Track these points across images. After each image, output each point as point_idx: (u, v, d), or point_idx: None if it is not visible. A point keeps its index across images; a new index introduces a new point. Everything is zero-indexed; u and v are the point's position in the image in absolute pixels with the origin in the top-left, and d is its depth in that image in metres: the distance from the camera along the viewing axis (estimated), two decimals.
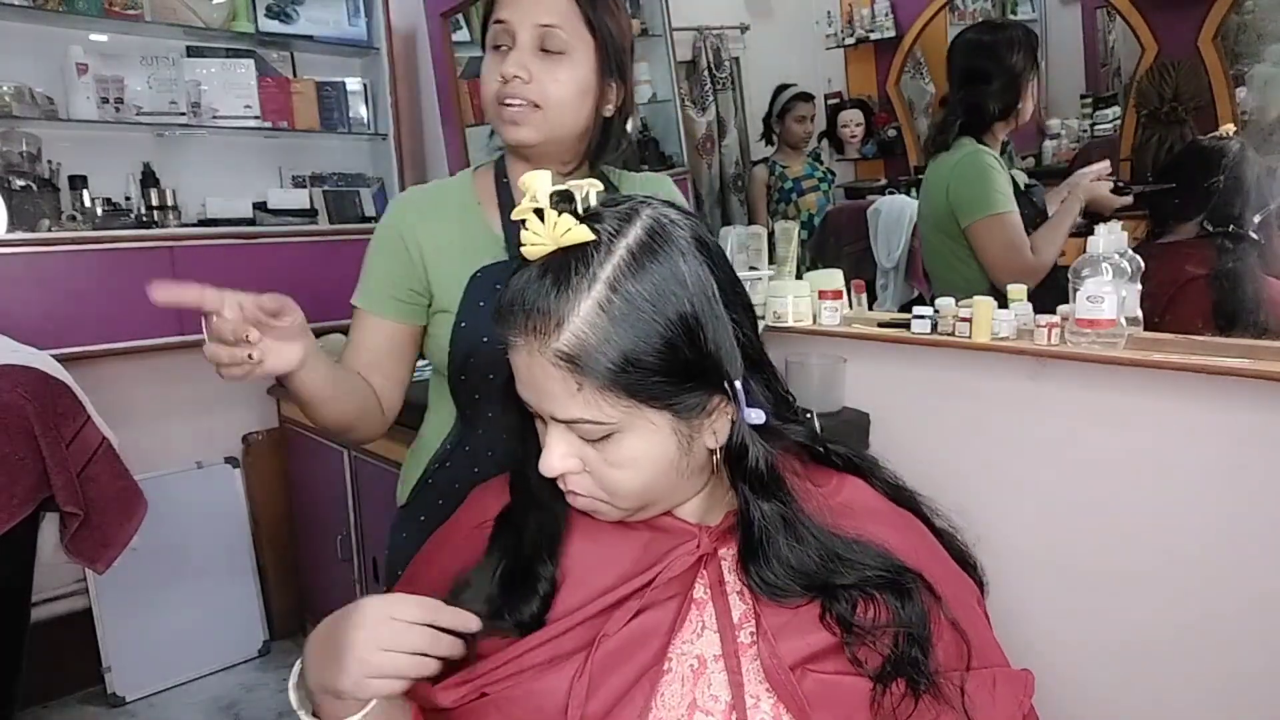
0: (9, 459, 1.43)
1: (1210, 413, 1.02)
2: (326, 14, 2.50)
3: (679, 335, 0.60)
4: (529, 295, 0.60)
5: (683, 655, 0.67)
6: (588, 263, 0.60)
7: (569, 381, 0.60)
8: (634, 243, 0.61)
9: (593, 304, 0.59)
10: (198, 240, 2.27)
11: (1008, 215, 1.47)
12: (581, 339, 0.59)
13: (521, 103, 0.98)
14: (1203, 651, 1.05)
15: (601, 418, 0.61)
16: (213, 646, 2.45)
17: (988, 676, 0.67)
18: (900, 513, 0.74)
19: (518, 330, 0.61)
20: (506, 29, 0.98)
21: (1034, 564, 1.18)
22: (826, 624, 0.65)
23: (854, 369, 1.43)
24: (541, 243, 0.61)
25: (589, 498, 0.67)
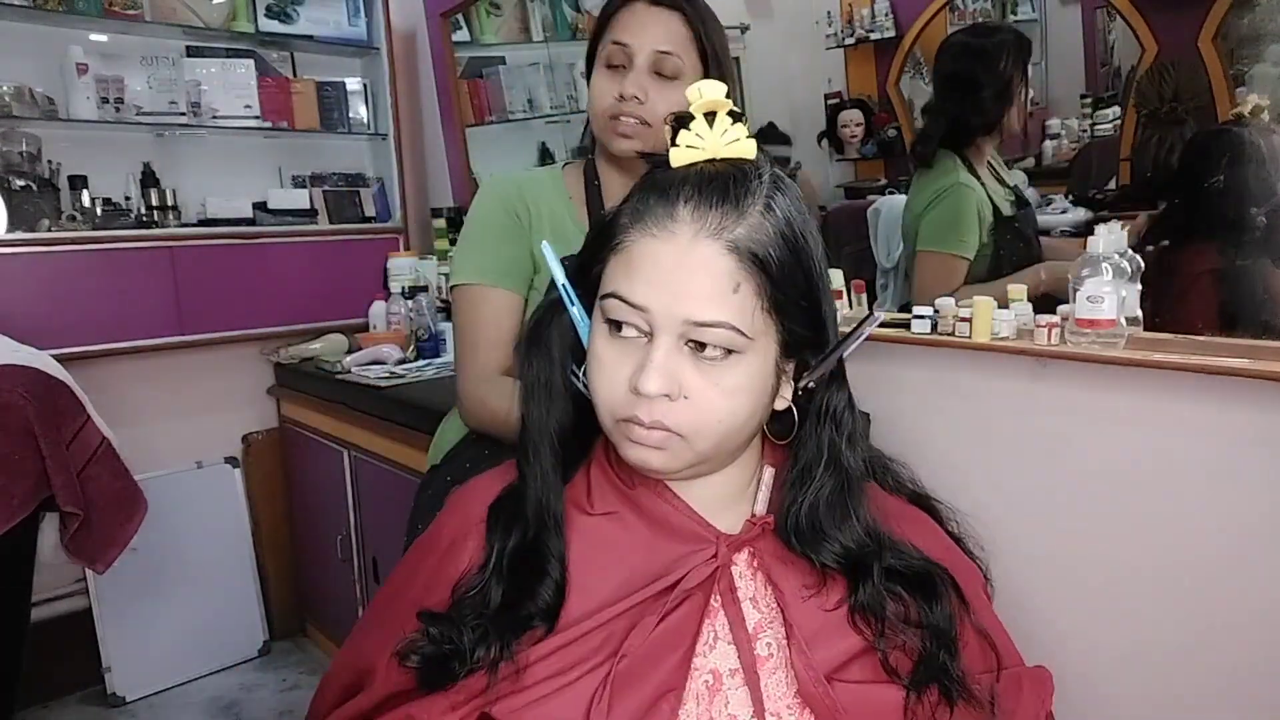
0: (9, 459, 1.43)
1: (1210, 413, 1.02)
2: (326, 14, 2.50)
3: (814, 270, 0.62)
4: (702, 190, 0.59)
5: (696, 670, 0.63)
6: (758, 172, 0.61)
7: (730, 278, 0.58)
8: (775, 172, 0.63)
9: (762, 209, 0.60)
10: (198, 240, 2.28)
11: (953, 259, 1.46)
12: (754, 234, 0.59)
13: (635, 120, 1.05)
14: (1202, 651, 1.05)
15: (745, 327, 0.59)
16: (213, 646, 2.45)
17: (1013, 678, 0.66)
18: (915, 513, 0.74)
19: (679, 219, 0.59)
20: (625, 51, 1.04)
21: (1034, 564, 1.17)
22: (856, 626, 0.63)
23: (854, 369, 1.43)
24: (701, 148, 0.61)
25: (666, 433, 0.60)
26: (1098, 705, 1.15)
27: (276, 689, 2.35)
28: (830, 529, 0.65)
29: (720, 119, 0.61)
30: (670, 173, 0.61)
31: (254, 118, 2.39)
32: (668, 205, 0.59)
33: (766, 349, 0.61)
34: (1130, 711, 1.13)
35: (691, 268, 0.58)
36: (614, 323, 0.61)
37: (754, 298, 0.59)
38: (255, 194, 2.46)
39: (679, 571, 0.64)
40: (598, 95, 1.07)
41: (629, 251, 0.60)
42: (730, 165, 0.61)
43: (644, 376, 0.58)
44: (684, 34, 1.05)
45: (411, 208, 2.69)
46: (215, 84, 2.34)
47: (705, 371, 0.60)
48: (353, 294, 2.43)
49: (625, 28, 1.05)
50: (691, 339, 0.59)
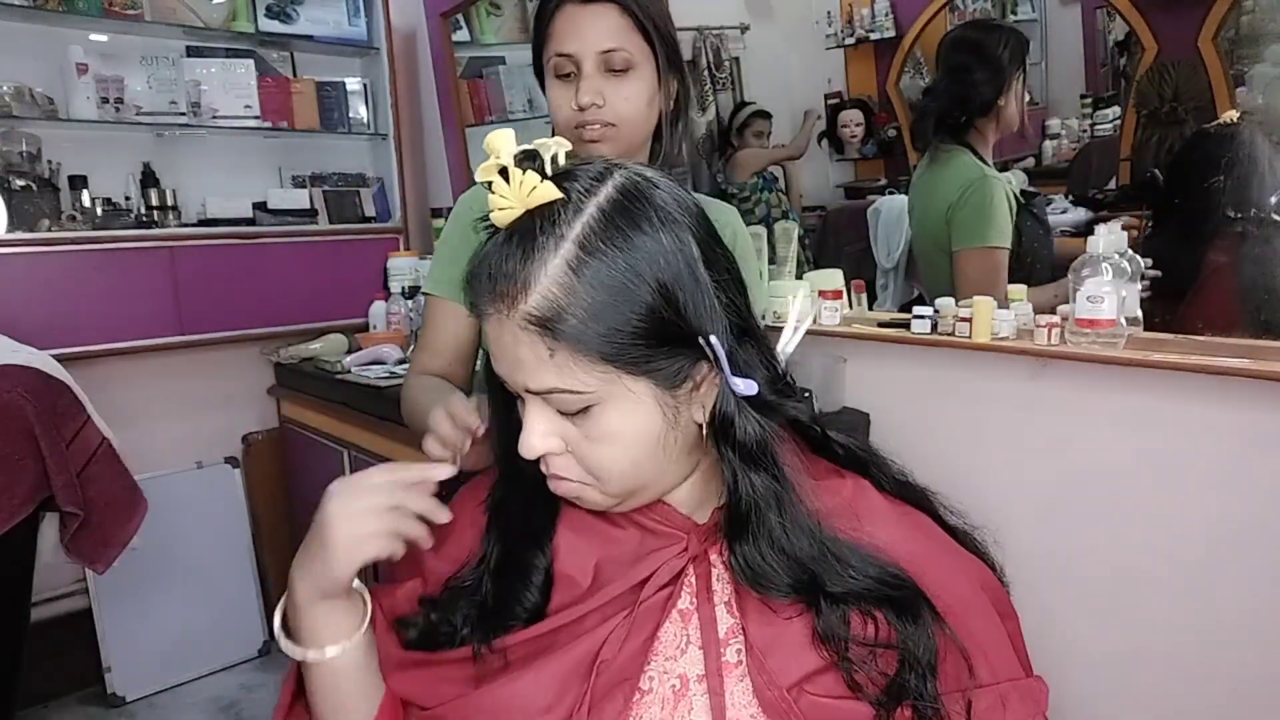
0: (9, 459, 1.43)
1: (1210, 413, 1.02)
2: (326, 14, 2.50)
3: (655, 296, 0.57)
4: (494, 260, 0.58)
5: (665, 674, 0.63)
6: (555, 221, 0.57)
7: (540, 347, 0.57)
8: (605, 201, 0.58)
9: (561, 264, 0.56)
10: (198, 240, 2.28)
11: (998, 252, 1.46)
12: (550, 300, 0.56)
13: (599, 125, 1.03)
14: (1202, 650, 1.05)
15: (577, 386, 0.58)
16: (213, 646, 2.45)
17: (999, 695, 0.63)
18: (904, 511, 0.70)
19: (486, 298, 0.59)
20: (571, 60, 1.02)
21: (1034, 564, 1.17)
22: (817, 646, 0.61)
23: (854, 369, 1.43)
24: (509, 205, 0.58)
25: (574, 482, 0.62)
26: (1097, 703, 1.15)
27: (276, 689, 2.33)
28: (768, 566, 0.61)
29: (513, 173, 0.58)
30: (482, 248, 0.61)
31: (254, 118, 2.39)
32: (479, 283, 0.60)
33: (625, 390, 0.59)
34: (1130, 710, 1.13)
35: (509, 343, 0.59)
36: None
37: (574, 357, 0.57)
38: (255, 194, 2.46)
39: (653, 564, 0.64)
40: (556, 108, 1.06)
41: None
42: (534, 219, 0.58)
43: (520, 443, 0.61)
44: (623, 24, 1.02)
45: (411, 208, 2.69)
46: (215, 84, 2.34)
47: (576, 423, 0.60)
48: (353, 294, 2.43)
49: (564, 36, 1.03)
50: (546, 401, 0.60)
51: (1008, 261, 1.46)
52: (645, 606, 0.63)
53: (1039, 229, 1.50)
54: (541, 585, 0.66)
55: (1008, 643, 0.68)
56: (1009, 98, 1.49)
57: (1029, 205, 1.51)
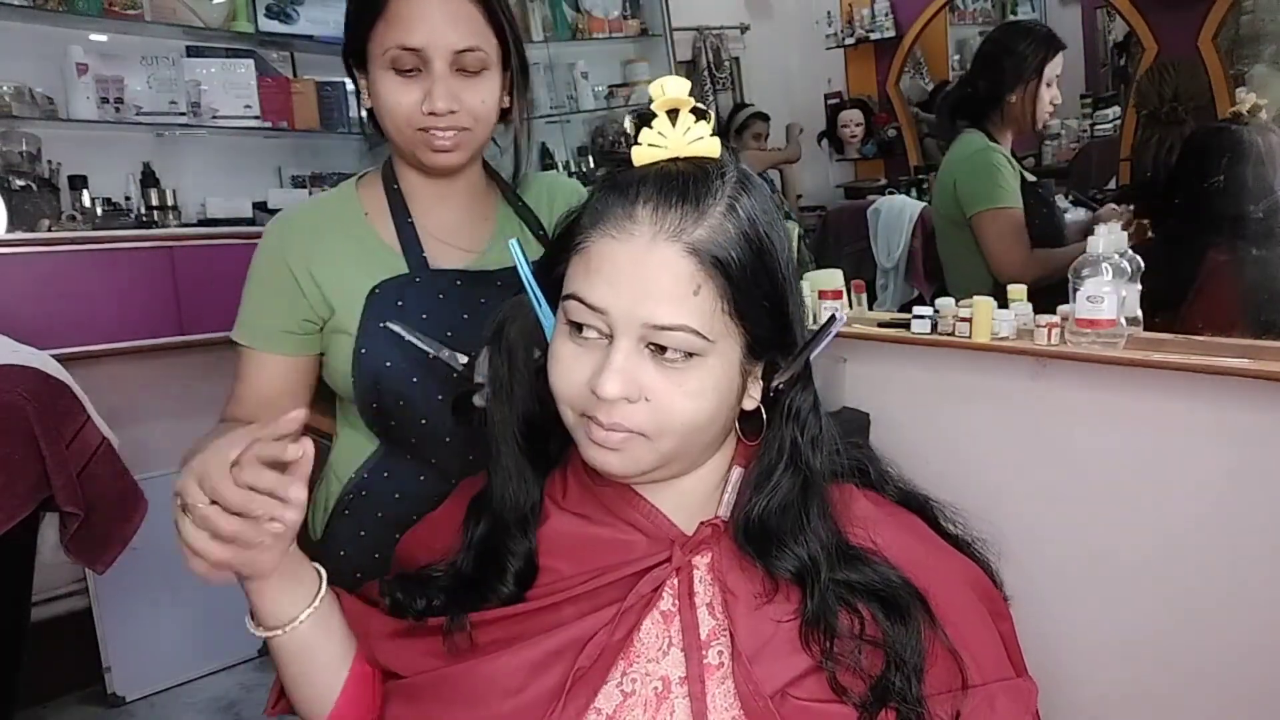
0: (9, 459, 1.43)
1: (1210, 413, 1.02)
2: (326, 14, 2.50)
3: (779, 271, 0.62)
4: (656, 184, 0.58)
5: (647, 676, 0.62)
6: (721, 172, 0.60)
7: (690, 281, 0.57)
8: (741, 171, 0.62)
9: (724, 210, 0.58)
10: (198, 240, 2.27)
11: (1010, 210, 1.47)
12: (716, 236, 0.58)
13: (454, 131, 0.92)
14: (1203, 649, 1.05)
15: (706, 331, 0.58)
16: (213, 646, 2.44)
17: (986, 696, 0.62)
18: (892, 511, 0.70)
19: (638, 220, 0.57)
20: (418, 56, 0.89)
21: (1034, 563, 1.17)
22: (805, 643, 0.61)
23: (854, 369, 1.43)
24: (663, 146, 0.59)
25: (629, 433, 0.60)
26: (1097, 701, 1.15)
27: None
28: (784, 535, 0.63)
29: (683, 116, 0.59)
30: (630, 172, 0.60)
31: (254, 118, 2.39)
32: (627, 206, 0.58)
33: (729, 351, 0.60)
34: (1130, 708, 1.14)
35: (651, 270, 0.57)
36: (575, 324, 0.61)
37: (715, 300, 0.58)
38: (255, 194, 2.46)
39: (636, 567, 0.64)
40: (395, 106, 0.91)
41: (588, 253, 0.59)
42: (693, 165, 0.59)
43: (602, 380, 0.58)
44: (478, 18, 0.90)
45: None
46: (215, 84, 2.34)
47: (667, 373, 0.59)
48: None
49: (409, 26, 0.88)
50: (652, 342, 0.58)
51: (1023, 224, 1.47)
52: (625, 610, 0.63)
53: (1041, 206, 1.51)
54: (520, 570, 0.66)
55: (998, 642, 0.67)
56: (1023, 91, 1.50)
57: (1037, 185, 1.52)
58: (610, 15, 2.74)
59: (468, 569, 0.68)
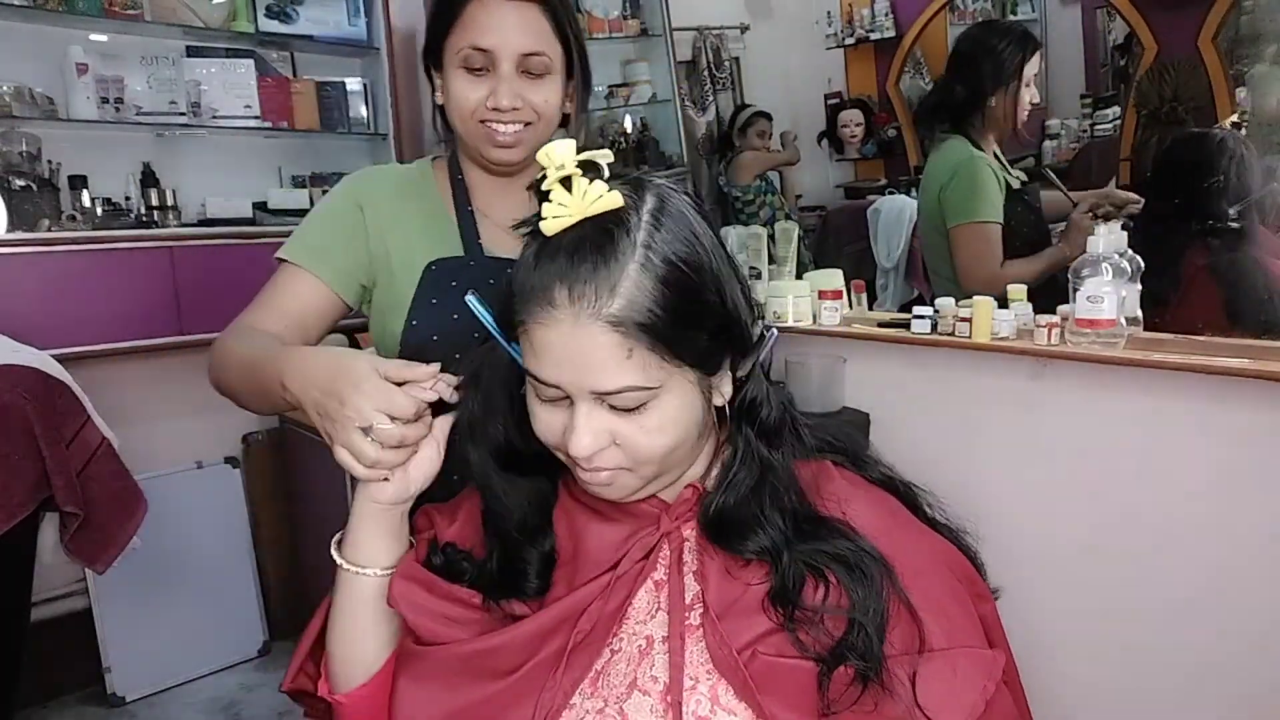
0: (9, 459, 1.43)
1: (1210, 413, 1.02)
2: (326, 14, 2.50)
3: (712, 291, 0.63)
4: (563, 266, 0.60)
5: (633, 635, 0.68)
6: (626, 227, 0.60)
7: (620, 348, 0.59)
8: (652, 207, 0.62)
9: (637, 266, 0.60)
10: (197, 240, 2.27)
11: (987, 226, 1.48)
12: (633, 300, 0.59)
13: (516, 127, 0.99)
14: (1202, 646, 1.05)
15: (650, 382, 0.61)
16: (213, 646, 2.45)
17: (948, 660, 0.64)
18: (867, 489, 0.73)
19: (558, 305, 0.60)
20: (487, 56, 0.96)
21: (1034, 563, 1.17)
22: (769, 609, 0.64)
23: (854, 369, 1.43)
24: (567, 213, 0.60)
25: (613, 470, 0.65)
26: (1099, 702, 1.15)
27: (276, 689, 2.34)
28: (743, 526, 0.67)
29: (577, 182, 0.60)
30: (544, 248, 0.61)
31: (254, 118, 2.39)
32: (545, 290, 0.60)
33: (680, 383, 0.63)
34: (1129, 706, 1.14)
35: (582, 346, 0.60)
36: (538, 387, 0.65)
37: (649, 355, 0.60)
38: (255, 194, 2.45)
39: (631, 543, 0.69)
40: (463, 101, 0.99)
41: (529, 335, 0.63)
42: (598, 227, 0.60)
43: (572, 442, 0.62)
44: (545, 26, 0.98)
45: None
46: (215, 84, 2.34)
47: (627, 419, 0.63)
48: None
49: (482, 29, 0.96)
50: (606, 402, 0.62)
51: (1000, 238, 1.48)
52: (620, 578, 0.68)
53: (1029, 214, 1.52)
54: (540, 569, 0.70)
55: (973, 617, 0.69)
56: (1004, 93, 1.49)
57: (1022, 193, 1.52)
58: (610, 15, 2.74)
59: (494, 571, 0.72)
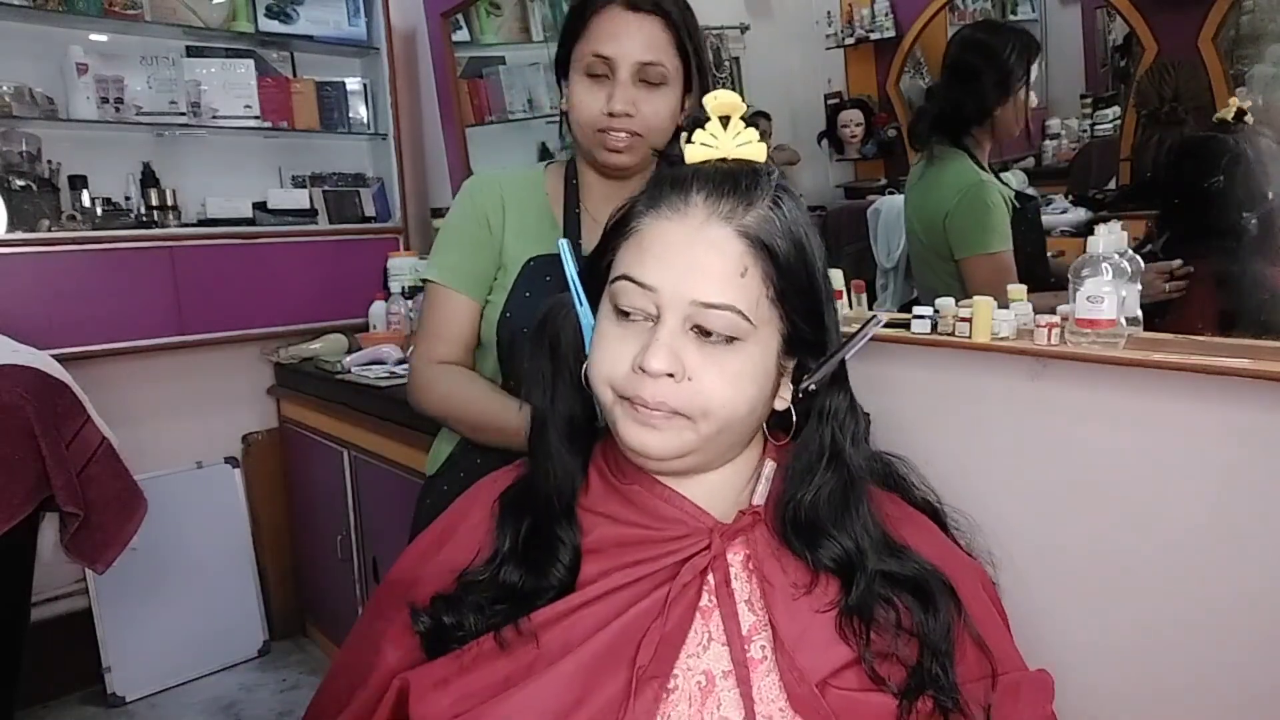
0: (9, 459, 1.43)
1: (1211, 413, 1.02)
2: (326, 14, 2.50)
3: (817, 267, 0.65)
4: (708, 174, 0.62)
5: (689, 671, 0.63)
6: (768, 173, 0.64)
7: (739, 262, 0.60)
8: (783, 182, 0.65)
9: (772, 203, 0.62)
10: (197, 240, 2.27)
11: (1002, 255, 1.46)
12: (764, 224, 0.61)
13: (626, 134, 1.03)
14: (1203, 650, 1.05)
15: (750, 312, 0.61)
16: (213, 646, 2.45)
17: (1010, 685, 0.65)
18: (909, 512, 0.74)
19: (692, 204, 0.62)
20: (608, 63, 1.02)
21: (1033, 563, 1.17)
22: (844, 635, 0.62)
23: (854, 369, 1.43)
24: (714, 146, 0.63)
25: (669, 413, 0.61)
26: (1099, 703, 1.15)
27: (276, 689, 2.35)
28: (829, 527, 0.65)
29: (734, 122, 0.63)
30: (685, 166, 0.64)
31: (254, 118, 2.39)
32: (682, 192, 0.62)
33: (769, 340, 0.63)
34: (1128, 707, 1.14)
35: (702, 248, 0.60)
36: (621, 311, 0.63)
37: (760, 284, 0.61)
38: (255, 194, 2.46)
39: (671, 559, 0.64)
40: (582, 106, 1.05)
41: (641, 234, 0.63)
42: (741, 164, 0.63)
43: (650, 354, 0.60)
44: (665, 39, 1.03)
45: (411, 208, 2.69)
46: (215, 84, 2.34)
47: (709, 355, 0.61)
48: (353, 294, 2.43)
49: (606, 38, 1.02)
50: (697, 323, 0.61)
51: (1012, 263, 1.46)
52: (672, 604, 0.63)
53: (1031, 233, 1.49)
54: (570, 562, 0.66)
55: (1011, 640, 0.71)
56: (1012, 103, 1.47)
57: (1024, 210, 1.51)
58: None
59: (510, 577, 0.67)
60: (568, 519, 0.68)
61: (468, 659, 0.63)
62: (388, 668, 0.66)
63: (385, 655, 0.67)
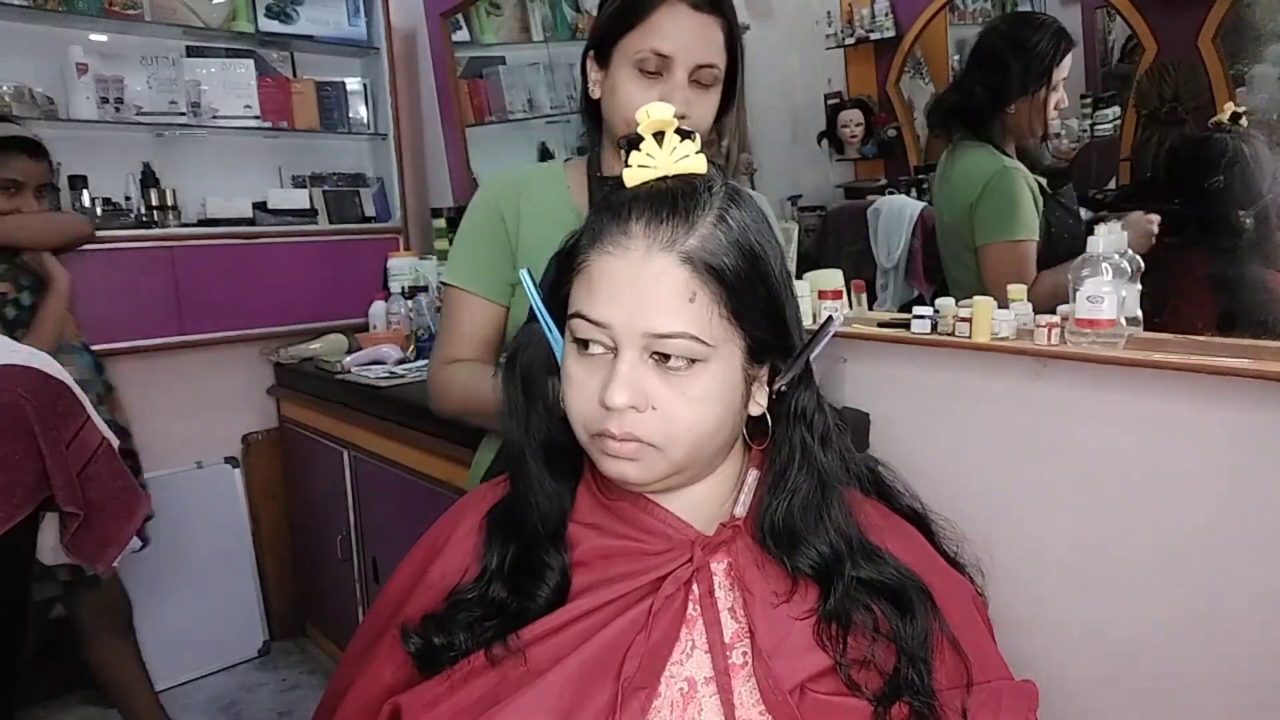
0: (9, 459, 1.43)
1: (1210, 413, 1.02)
2: (326, 14, 2.50)
3: (773, 279, 0.64)
4: (645, 202, 0.61)
5: (671, 678, 0.64)
6: (709, 187, 0.62)
7: (685, 288, 0.59)
8: (731, 188, 0.64)
9: (714, 218, 0.61)
10: (197, 240, 2.28)
11: (1025, 244, 1.43)
12: (707, 244, 0.60)
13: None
14: (1203, 651, 1.05)
15: (704, 335, 0.60)
16: (213, 646, 2.45)
17: (992, 693, 0.65)
18: (901, 524, 0.73)
19: (632, 235, 0.60)
20: (666, 61, 0.99)
21: (1033, 564, 1.17)
22: (821, 642, 0.63)
23: (854, 369, 1.43)
24: (652, 167, 0.62)
25: (640, 443, 0.61)
26: (1094, 702, 1.15)
27: (276, 689, 2.35)
28: (806, 533, 0.65)
29: (669, 137, 0.62)
30: (623, 192, 0.63)
31: (254, 118, 2.39)
32: (621, 223, 0.61)
33: (730, 355, 0.62)
34: (1127, 709, 1.13)
35: (647, 281, 0.60)
36: (581, 341, 0.63)
37: (711, 305, 0.60)
38: (255, 194, 2.46)
39: (655, 573, 0.65)
40: (631, 102, 1.00)
41: (589, 270, 0.62)
42: (681, 181, 0.62)
43: (610, 390, 0.60)
44: (720, 41, 1.01)
45: (411, 208, 2.69)
46: (215, 84, 2.34)
47: (671, 382, 0.61)
48: (353, 294, 2.43)
49: (667, 35, 0.98)
50: (655, 351, 0.61)
51: (1033, 254, 1.43)
52: (656, 617, 0.64)
53: (1068, 218, 1.46)
54: (557, 584, 0.66)
55: (997, 649, 0.70)
56: (1031, 99, 1.44)
57: (1056, 195, 1.48)
58: None
59: (499, 594, 0.67)
60: (554, 544, 0.68)
61: (458, 677, 0.63)
62: (383, 684, 0.67)
63: (379, 672, 0.68)
